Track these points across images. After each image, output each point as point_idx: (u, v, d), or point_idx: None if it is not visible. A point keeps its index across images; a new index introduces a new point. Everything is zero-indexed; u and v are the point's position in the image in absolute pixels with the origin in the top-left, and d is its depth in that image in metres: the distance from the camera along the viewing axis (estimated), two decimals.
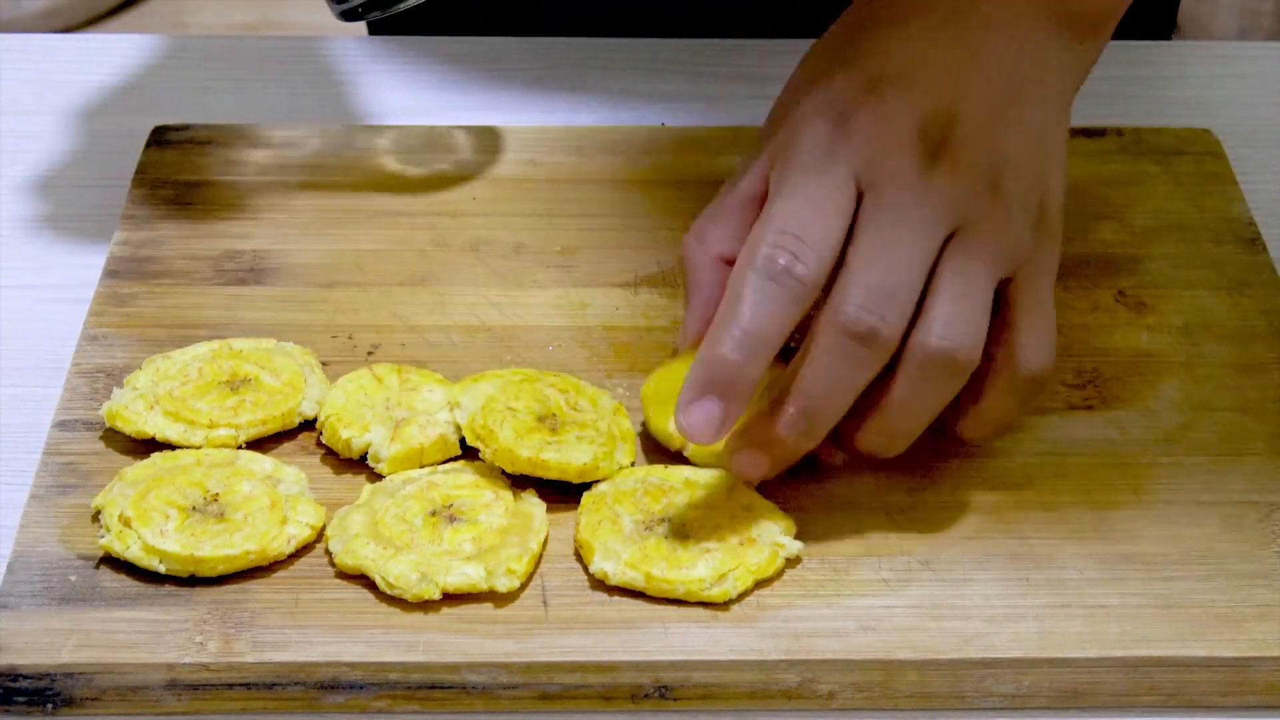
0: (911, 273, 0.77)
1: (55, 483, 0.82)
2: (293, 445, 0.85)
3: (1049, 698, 0.77)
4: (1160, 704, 0.77)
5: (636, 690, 0.76)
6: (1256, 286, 0.93)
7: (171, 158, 0.99)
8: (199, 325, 0.90)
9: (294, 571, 0.79)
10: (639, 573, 0.78)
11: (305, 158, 0.99)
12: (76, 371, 0.87)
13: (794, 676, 0.76)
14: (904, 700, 0.77)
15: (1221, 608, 0.78)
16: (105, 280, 0.92)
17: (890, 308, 0.77)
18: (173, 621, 0.77)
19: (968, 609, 0.78)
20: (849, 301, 0.77)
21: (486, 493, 0.81)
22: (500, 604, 0.78)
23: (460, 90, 1.07)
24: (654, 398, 0.85)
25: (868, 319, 0.76)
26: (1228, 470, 0.84)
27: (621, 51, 1.10)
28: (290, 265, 0.93)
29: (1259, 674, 0.77)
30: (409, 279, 0.93)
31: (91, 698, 0.76)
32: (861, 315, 0.76)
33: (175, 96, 1.07)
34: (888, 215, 0.78)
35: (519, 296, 0.92)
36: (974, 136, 0.79)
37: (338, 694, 0.76)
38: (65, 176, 1.01)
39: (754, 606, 0.78)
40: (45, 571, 0.78)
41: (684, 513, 0.80)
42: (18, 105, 1.06)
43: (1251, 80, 1.10)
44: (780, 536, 0.80)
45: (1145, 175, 0.99)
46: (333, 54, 1.10)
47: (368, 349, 0.89)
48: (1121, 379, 0.88)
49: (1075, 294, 0.92)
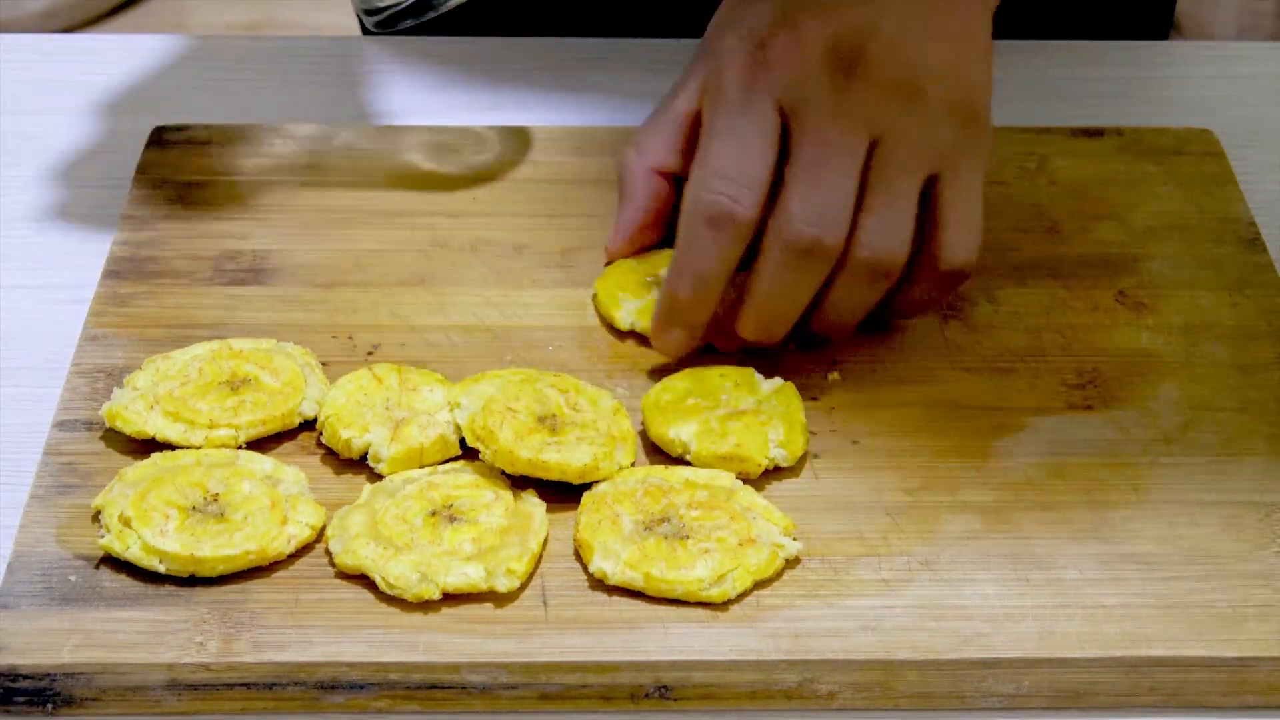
0: (844, 185, 0.84)
1: (55, 483, 0.82)
2: (293, 445, 0.85)
3: (1049, 698, 0.77)
4: (1160, 704, 0.77)
5: (636, 690, 0.76)
6: (1256, 286, 0.93)
7: (171, 158, 0.99)
8: (199, 325, 0.90)
9: (294, 571, 0.79)
10: (638, 573, 0.78)
11: (305, 158, 0.99)
12: (76, 371, 0.87)
13: (794, 676, 0.76)
14: (904, 700, 0.77)
15: (1221, 608, 0.78)
16: (105, 280, 0.92)
17: (828, 221, 0.84)
18: (173, 621, 0.77)
19: (968, 609, 0.78)
20: (792, 219, 0.84)
21: (486, 493, 0.81)
22: (500, 604, 0.78)
23: (460, 90, 1.07)
24: (654, 406, 0.85)
25: (809, 232, 0.84)
26: (1228, 470, 0.84)
27: (621, 51, 1.10)
28: (290, 265, 0.93)
29: (1259, 674, 0.77)
30: (409, 279, 0.93)
31: (91, 698, 0.76)
32: (803, 230, 0.84)
33: (175, 96, 1.07)
34: (811, 136, 0.85)
35: (519, 296, 0.92)
36: (887, 50, 0.85)
37: (338, 694, 0.76)
38: (65, 176, 1.01)
39: (754, 606, 0.78)
40: (45, 571, 0.78)
41: (684, 513, 0.80)
42: (18, 105, 1.06)
43: (1251, 80, 1.10)
44: (780, 536, 0.80)
45: (1145, 175, 0.99)
46: (333, 54, 1.10)
47: (368, 349, 0.89)
48: (1121, 379, 0.88)
49: (1075, 294, 0.92)
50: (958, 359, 0.89)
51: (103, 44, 1.12)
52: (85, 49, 1.11)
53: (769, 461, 0.83)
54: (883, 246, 0.85)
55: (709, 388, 0.86)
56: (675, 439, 0.84)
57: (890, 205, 0.85)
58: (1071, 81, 1.08)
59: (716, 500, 0.81)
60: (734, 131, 0.86)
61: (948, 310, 0.91)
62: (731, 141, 0.85)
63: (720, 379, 0.86)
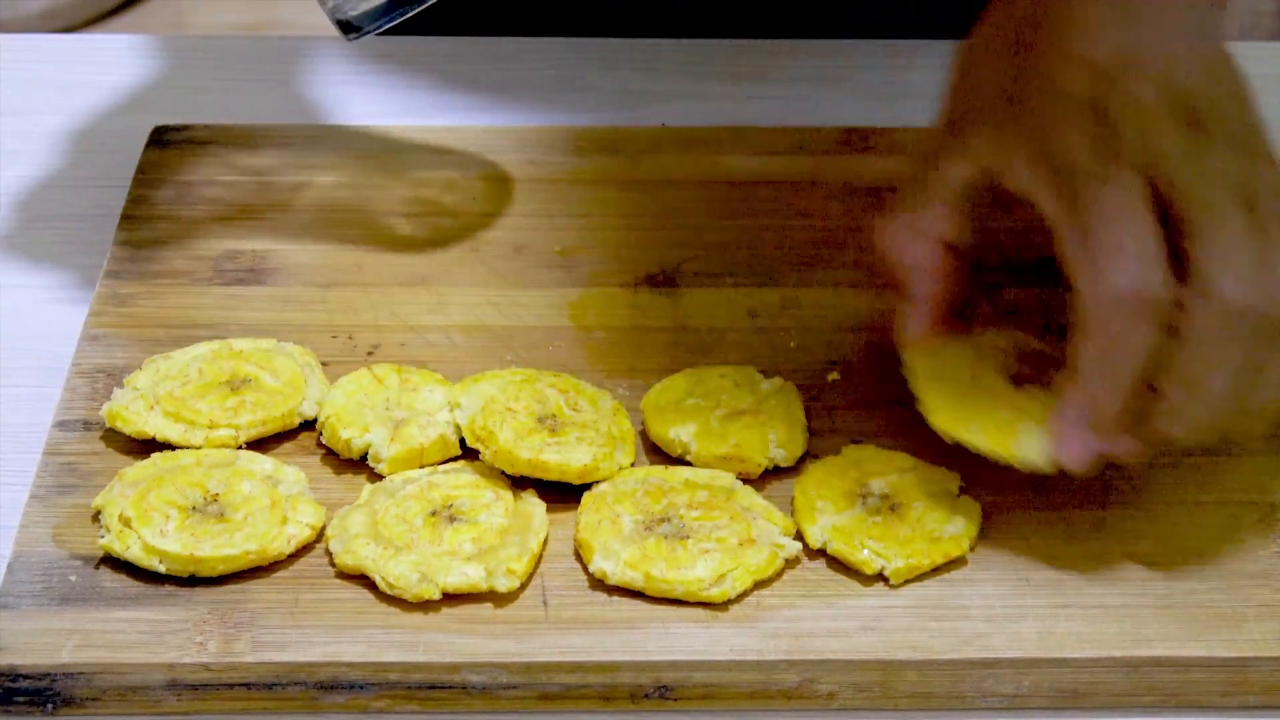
0: (1268, 246, 0.76)
1: (55, 483, 0.82)
2: (293, 445, 0.85)
3: (1049, 698, 0.77)
4: (1160, 704, 0.77)
5: (636, 690, 0.76)
6: None
7: (171, 158, 0.99)
8: (199, 325, 0.90)
9: (294, 571, 0.79)
10: (638, 572, 0.78)
11: (305, 158, 0.99)
12: (76, 371, 0.87)
13: (794, 676, 0.76)
14: (904, 700, 0.77)
15: (1221, 608, 0.78)
16: (105, 280, 0.92)
17: (1264, 285, 0.76)
18: (173, 621, 0.77)
19: (968, 609, 0.78)
20: (1226, 282, 0.76)
21: (486, 493, 0.81)
22: (500, 604, 0.78)
23: (460, 90, 1.07)
24: (654, 406, 0.85)
25: (1251, 297, 0.76)
26: (1228, 470, 0.84)
27: (621, 51, 1.10)
28: (290, 265, 0.93)
29: (1258, 674, 0.77)
30: (409, 279, 0.93)
31: (91, 698, 0.76)
32: (1243, 293, 0.75)
33: (175, 96, 1.07)
34: (1196, 192, 0.77)
35: (519, 296, 0.92)
36: (1219, 103, 0.79)
37: (338, 694, 0.76)
38: (65, 176, 1.01)
39: (754, 606, 0.78)
40: (45, 571, 0.78)
41: (684, 513, 0.80)
42: (18, 105, 1.06)
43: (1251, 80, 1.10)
44: (780, 537, 0.80)
45: None
46: (332, 54, 1.10)
47: (368, 349, 0.89)
48: None
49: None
50: None
51: (103, 44, 1.12)
52: (85, 49, 1.11)
53: (769, 461, 0.83)
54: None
55: (709, 388, 0.86)
56: (675, 439, 0.84)
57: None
58: None
59: (716, 500, 0.81)
60: (1113, 206, 0.77)
61: None
62: (1114, 217, 0.77)
63: (720, 379, 0.86)
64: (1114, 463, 0.81)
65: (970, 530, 0.80)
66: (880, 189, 0.98)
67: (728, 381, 0.86)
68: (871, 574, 0.79)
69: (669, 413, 0.84)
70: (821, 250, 0.95)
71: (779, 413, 0.84)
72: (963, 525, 0.80)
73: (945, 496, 0.81)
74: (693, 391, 0.86)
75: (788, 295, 0.92)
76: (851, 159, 1.00)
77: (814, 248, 0.95)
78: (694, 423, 0.84)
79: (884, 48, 1.10)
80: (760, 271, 0.93)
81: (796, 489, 0.82)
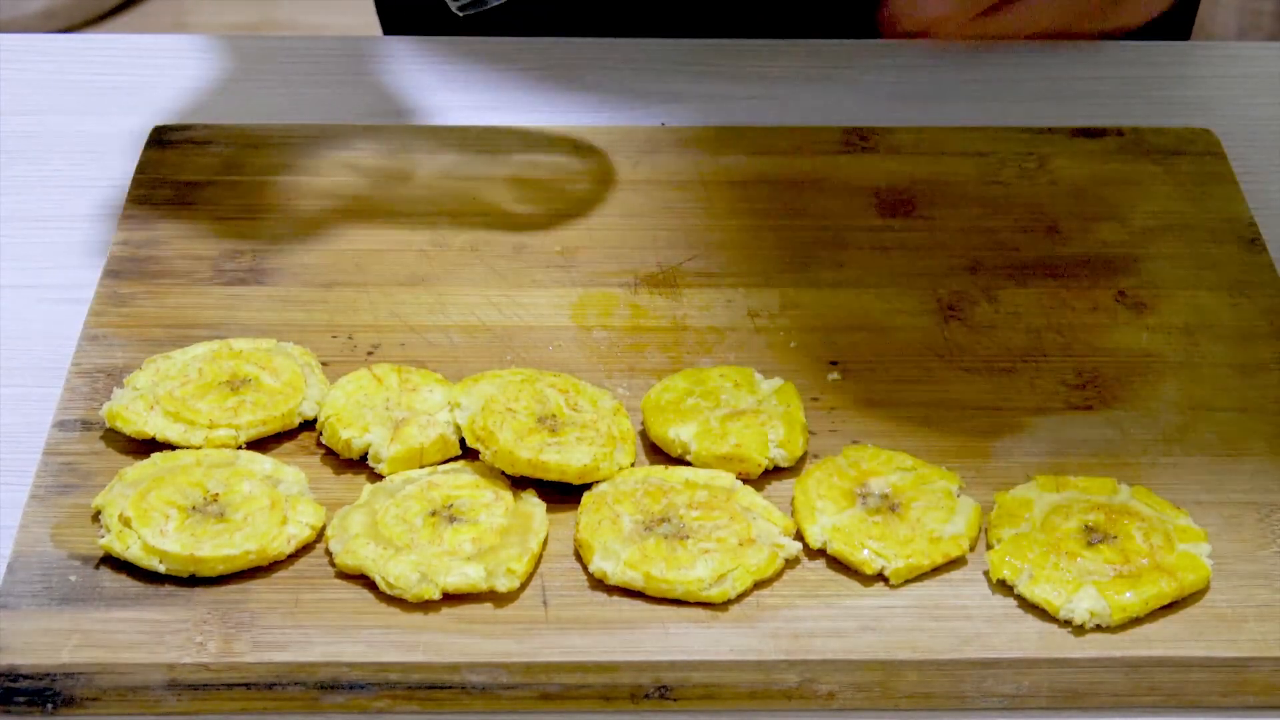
0: None
1: (55, 483, 0.82)
2: (293, 445, 0.85)
3: (1049, 698, 0.77)
4: (1160, 704, 0.77)
5: (636, 690, 0.76)
6: (1256, 286, 0.93)
7: (171, 158, 0.99)
8: (199, 325, 0.90)
9: (294, 571, 0.79)
10: (638, 572, 0.78)
11: (305, 158, 0.99)
12: (76, 371, 0.87)
13: (794, 676, 0.76)
14: (904, 700, 0.77)
15: (1221, 608, 0.78)
16: (105, 280, 0.92)
17: None
18: (173, 621, 0.77)
19: (968, 609, 0.78)
20: None
21: (486, 493, 0.81)
22: (500, 604, 0.78)
23: (460, 90, 1.07)
24: (654, 406, 0.85)
25: None
26: (1228, 470, 0.84)
27: (621, 51, 1.10)
28: (290, 265, 0.93)
29: (1258, 674, 0.77)
30: (409, 279, 0.93)
31: (91, 698, 0.76)
32: None
33: (175, 96, 1.07)
34: None
35: (519, 296, 0.92)
36: None
37: (338, 694, 0.76)
38: (65, 176, 1.01)
39: (754, 606, 0.78)
40: (45, 571, 0.78)
41: (684, 513, 0.80)
42: (18, 105, 1.06)
43: (1251, 80, 1.10)
44: (780, 537, 0.80)
45: (1145, 175, 0.99)
46: (333, 54, 1.10)
47: (368, 349, 0.89)
48: (1121, 379, 0.88)
49: (1075, 294, 0.92)
50: (958, 359, 0.89)
51: (103, 44, 1.12)
52: (85, 49, 1.11)
53: (769, 461, 0.83)
54: None
55: (709, 388, 0.86)
56: (675, 439, 0.84)
57: None
58: (1071, 81, 1.08)
59: (716, 500, 0.81)
60: None
61: (948, 310, 0.91)
62: None
63: (720, 379, 0.86)
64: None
65: (970, 530, 0.80)
66: (880, 189, 0.98)
67: (728, 381, 0.86)
68: (871, 574, 0.79)
69: (669, 413, 0.84)
70: (821, 250, 0.95)
71: (779, 413, 0.84)
72: (963, 525, 0.80)
73: (945, 496, 0.81)
74: (692, 391, 0.86)
75: (788, 295, 0.92)
76: (851, 159, 1.00)
77: (814, 248, 0.95)
78: (694, 423, 0.84)
79: (884, 48, 1.10)
80: (760, 271, 0.93)
81: (796, 489, 0.82)
